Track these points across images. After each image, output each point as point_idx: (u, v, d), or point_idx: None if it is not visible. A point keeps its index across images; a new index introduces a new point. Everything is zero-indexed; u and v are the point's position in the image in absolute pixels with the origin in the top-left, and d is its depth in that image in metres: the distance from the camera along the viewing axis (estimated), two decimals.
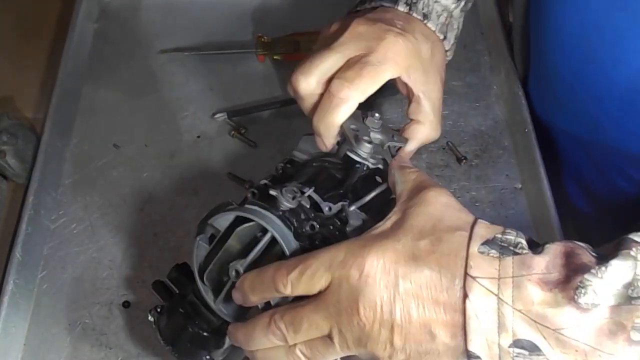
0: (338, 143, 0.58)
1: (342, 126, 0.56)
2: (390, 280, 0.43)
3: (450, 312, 0.42)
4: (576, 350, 0.39)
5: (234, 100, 0.81)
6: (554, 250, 0.41)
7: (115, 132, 0.78)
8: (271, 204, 0.49)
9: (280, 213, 0.49)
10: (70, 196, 0.73)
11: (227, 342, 0.53)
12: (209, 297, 0.51)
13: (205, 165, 0.75)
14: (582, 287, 0.39)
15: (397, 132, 0.60)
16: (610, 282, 0.39)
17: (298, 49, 0.83)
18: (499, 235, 0.43)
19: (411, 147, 0.60)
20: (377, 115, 0.58)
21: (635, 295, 0.39)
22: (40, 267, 0.67)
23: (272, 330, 0.46)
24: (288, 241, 0.48)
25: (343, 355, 0.46)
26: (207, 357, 0.54)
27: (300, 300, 0.46)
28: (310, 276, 0.45)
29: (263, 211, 0.49)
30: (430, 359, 0.44)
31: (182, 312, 0.54)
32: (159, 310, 0.56)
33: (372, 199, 0.52)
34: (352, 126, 0.57)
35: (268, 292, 0.47)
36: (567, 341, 0.39)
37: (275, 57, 0.84)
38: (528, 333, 0.40)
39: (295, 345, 0.47)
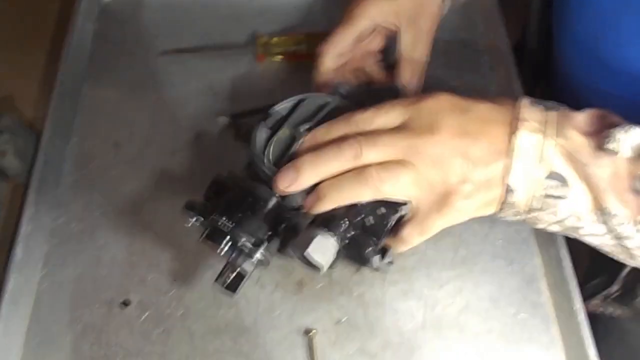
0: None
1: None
2: (460, 108, 0.50)
3: (506, 142, 0.49)
4: (596, 186, 0.48)
5: (233, 100, 0.81)
6: (591, 111, 0.50)
7: (115, 131, 0.78)
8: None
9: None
10: (71, 195, 0.73)
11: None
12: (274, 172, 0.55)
13: (205, 165, 0.75)
14: (610, 136, 0.47)
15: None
16: (631, 138, 0.47)
17: (298, 49, 0.83)
18: (542, 101, 0.51)
19: (403, 72, 0.67)
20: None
21: None
22: (41, 266, 0.67)
23: (347, 145, 0.50)
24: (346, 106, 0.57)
25: (415, 181, 0.50)
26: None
27: None
28: (386, 112, 0.51)
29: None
30: (493, 185, 0.50)
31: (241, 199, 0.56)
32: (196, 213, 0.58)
33: None
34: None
35: (343, 131, 0.52)
36: (591, 176, 0.48)
37: (275, 58, 0.84)
38: (562, 166, 0.48)
39: (367, 165, 0.50)
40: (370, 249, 0.54)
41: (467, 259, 0.68)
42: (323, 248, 0.54)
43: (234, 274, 0.56)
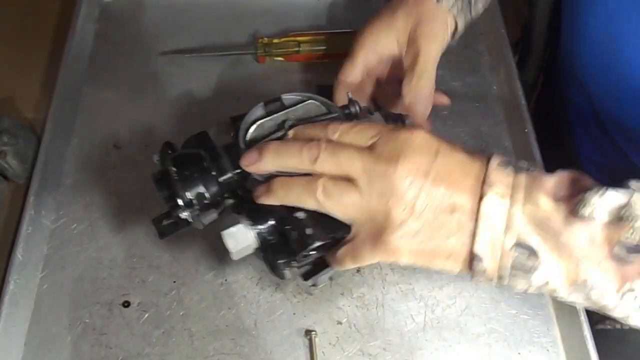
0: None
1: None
2: (432, 150, 0.48)
3: (470, 201, 0.47)
4: (570, 257, 0.45)
5: (234, 101, 0.81)
6: (563, 174, 0.48)
7: (115, 132, 0.78)
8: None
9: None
10: (71, 196, 0.73)
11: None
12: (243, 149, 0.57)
13: None
14: (583, 201, 0.44)
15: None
16: (607, 201, 0.44)
17: (298, 50, 0.83)
18: (513, 161, 0.49)
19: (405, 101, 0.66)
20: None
21: (625, 216, 0.44)
22: (41, 267, 0.68)
23: (309, 146, 0.50)
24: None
25: (357, 205, 0.49)
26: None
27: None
28: (360, 130, 0.50)
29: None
30: (440, 236, 0.48)
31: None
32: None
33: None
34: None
35: (316, 135, 0.52)
36: (564, 246, 0.45)
37: (275, 59, 0.84)
38: (530, 234, 0.46)
39: (319, 176, 0.50)
40: (282, 261, 0.55)
41: None
42: (240, 236, 0.55)
43: (168, 222, 0.58)
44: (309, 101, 0.61)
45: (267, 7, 0.91)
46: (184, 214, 0.56)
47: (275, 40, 0.84)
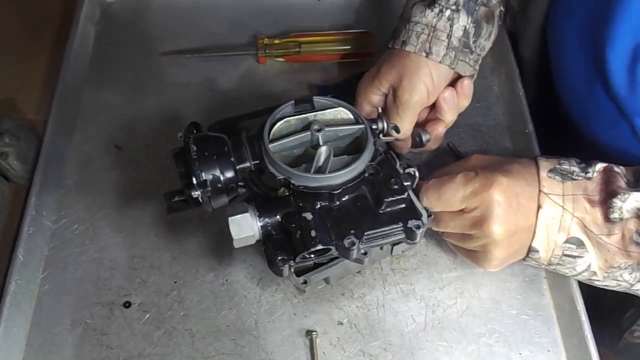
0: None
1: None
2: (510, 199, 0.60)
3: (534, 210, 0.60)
4: (608, 250, 0.59)
5: (234, 102, 0.81)
6: (598, 179, 0.60)
7: (116, 133, 0.78)
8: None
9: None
10: (72, 197, 0.73)
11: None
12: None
13: None
14: (611, 207, 0.58)
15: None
16: (629, 202, 0.58)
17: (299, 50, 0.83)
18: (558, 166, 0.61)
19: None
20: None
21: None
22: (42, 268, 0.68)
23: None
24: (368, 136, 0.61)
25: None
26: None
27: None
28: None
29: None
30: (516, 255, 0.62)
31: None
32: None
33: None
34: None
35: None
36: (603, 244, 0.59)
37: (276, 59, 0.84)
38: (578, 232, 0.59)
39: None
40: (280, 257, 0.56)
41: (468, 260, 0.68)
42: (244, 225, 0.57)
43: (179, 199, 0.60)
44: (339, 108, 0.63)
45: (268, 8, 0.91)
46: (196, 193, 0.57)
47: (276, 41, 0.84)
